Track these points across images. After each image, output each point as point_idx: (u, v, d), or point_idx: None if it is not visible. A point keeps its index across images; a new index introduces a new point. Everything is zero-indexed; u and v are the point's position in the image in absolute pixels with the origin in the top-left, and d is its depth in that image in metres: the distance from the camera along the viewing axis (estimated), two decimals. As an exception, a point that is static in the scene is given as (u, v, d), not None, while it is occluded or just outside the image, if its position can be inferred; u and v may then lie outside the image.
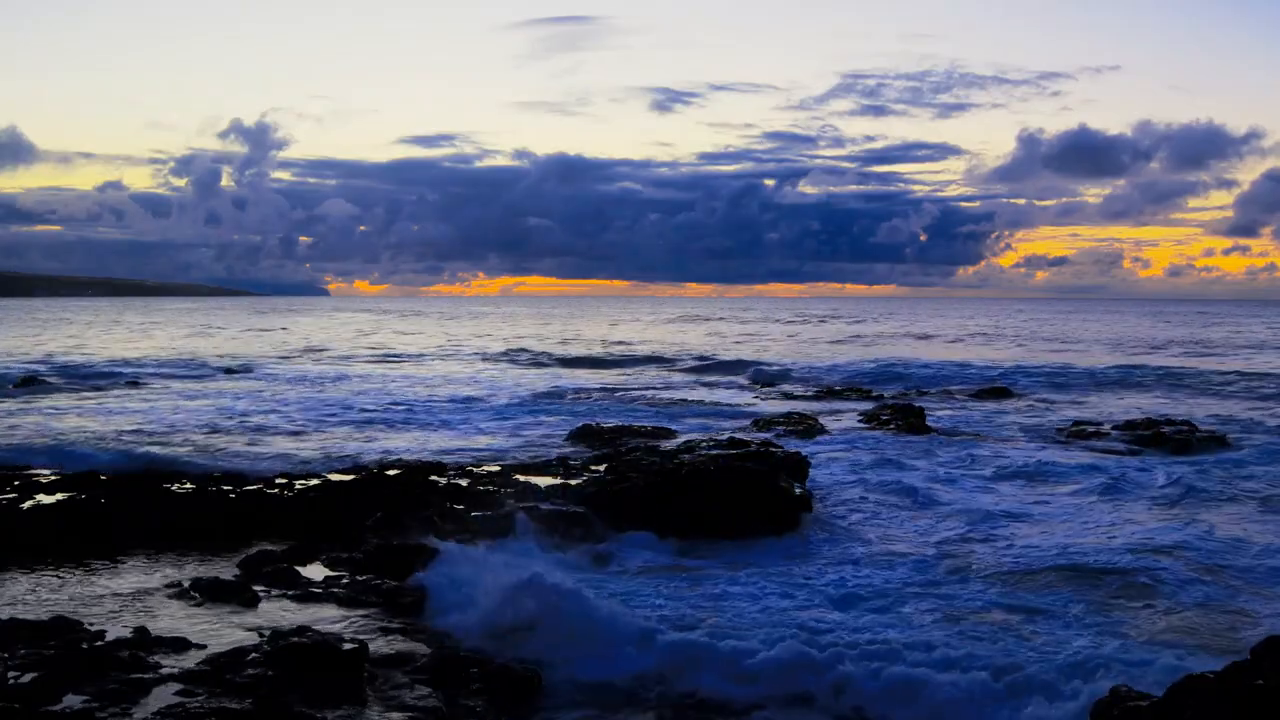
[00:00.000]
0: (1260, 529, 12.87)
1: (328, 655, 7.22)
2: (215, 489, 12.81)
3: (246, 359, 43.16)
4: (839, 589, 10.29)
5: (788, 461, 14.69)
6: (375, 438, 21.38)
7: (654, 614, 9.12)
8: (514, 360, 44.54)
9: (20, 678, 6.61)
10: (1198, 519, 13.26)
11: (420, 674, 7.50)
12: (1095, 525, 13.22)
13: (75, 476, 13.56)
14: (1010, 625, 9.24)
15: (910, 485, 15.54)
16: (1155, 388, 32.44)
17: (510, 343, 56.41)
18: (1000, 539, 12.50)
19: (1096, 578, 10.60)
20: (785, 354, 48.33)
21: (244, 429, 22.25)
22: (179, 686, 6.77)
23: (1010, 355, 47.76)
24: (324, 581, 9.82)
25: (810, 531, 12.84)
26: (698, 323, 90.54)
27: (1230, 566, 11.04)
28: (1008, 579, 10.76)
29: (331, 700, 6.86)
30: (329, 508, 12.40)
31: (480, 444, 20.62)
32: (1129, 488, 15.62)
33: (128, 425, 22.59)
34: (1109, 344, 56.81)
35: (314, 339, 60.56)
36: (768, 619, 9.14)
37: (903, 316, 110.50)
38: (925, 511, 14.23)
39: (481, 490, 13.28)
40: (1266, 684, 5.75)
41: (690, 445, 17.25)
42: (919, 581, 10.64)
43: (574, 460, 16.80)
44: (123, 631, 7.74)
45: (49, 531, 11.20)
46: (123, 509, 11.79)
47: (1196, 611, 9.58)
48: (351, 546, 10.96)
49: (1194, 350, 50.75)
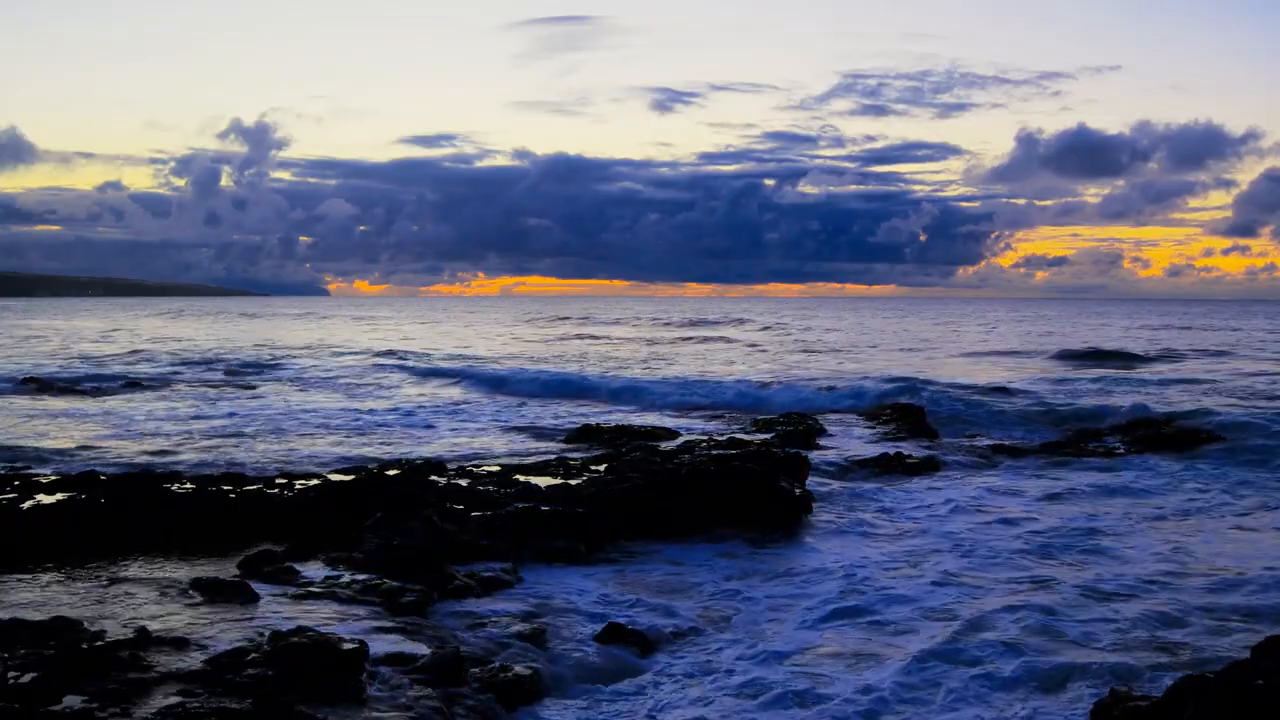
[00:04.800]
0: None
1: (328, 655, 7.21)
2: (215, 489, 12.80)
3: (242, 358, 43.15)
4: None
5: (788, 461, 14.70)
6: (375, 438, 21.39)
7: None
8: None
9: (20, 678, 6.60)
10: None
11: (420, 674, 7.49)
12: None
13: (75, 477, 13.55)
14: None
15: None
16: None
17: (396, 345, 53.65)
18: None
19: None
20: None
21: (243, 429, 22.27)
22: (179, 686, 6.76)
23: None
24: (324, 581, 9.82)
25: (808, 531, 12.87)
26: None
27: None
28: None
29: (331, 700, 6.86)
30: (329, 508, 12.39)
31: (480, 444, 20.65)
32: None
33: (127, 426, 22.59)
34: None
35: (314, 338, 60.58)
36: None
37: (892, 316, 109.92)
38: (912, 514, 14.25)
39: (482, 490, 13.28)
40: (1266, 684, 5.75)
41: (690, 445, 17.27)
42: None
43: (574, 460, 16.81)
44: (123, 631, 7.73)
45: (49, 531, 11.19)
46: (123, 509, 11.78)
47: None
48: (351, 546, 10.96)
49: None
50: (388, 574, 9.94)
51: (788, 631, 9.20)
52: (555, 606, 9.73)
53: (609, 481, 13.46)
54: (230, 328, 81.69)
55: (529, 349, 52.92)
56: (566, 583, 10.54)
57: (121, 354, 46.69)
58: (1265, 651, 6.12)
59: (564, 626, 9.18)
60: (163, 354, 46.34)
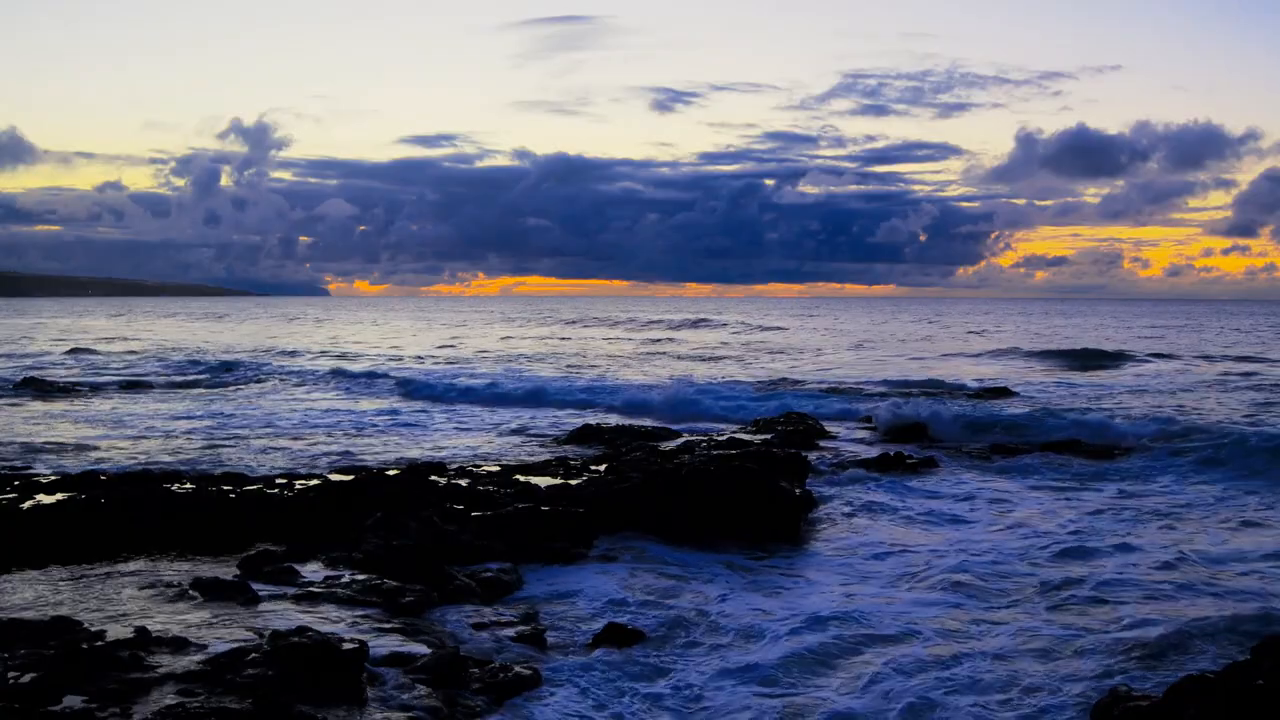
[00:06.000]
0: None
1: (328, 655, 7.21)
2: (215, 489, 12.81)
3: (241, 358, 43.17)
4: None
5: (788, 462, 14.71)
6: (374, 438, 21.40)
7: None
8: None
9: (20, 678, 6.60)
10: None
11: (420, 674, 7.49)
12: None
13: (75, 476, 13.56)
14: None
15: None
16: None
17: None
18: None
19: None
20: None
21: (242, 429, 22.27)
22: (179, 686, 6.76)
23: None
24: (324, 581, 9.81)
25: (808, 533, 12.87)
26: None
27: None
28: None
29: (331, 700, 6.86)
30: (329, 508, 12.39)
31: (479, 444, 20.66)
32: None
33: (126, 427, 22.60)
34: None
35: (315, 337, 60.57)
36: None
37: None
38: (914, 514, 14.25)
39: (482, 490, 13.28)
40: (1267, 684, 5.75)
41: (690, 445, 17.28)
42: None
43: (574, 460, 16.82)
44: (123, 631, 7.72)
45: (49, 531, 11.19)
46: (123, 509, 11.78)
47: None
48: (351, 547, 10.95)
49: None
50: (388, 574, 9.93)
51: (786, 633, 9.19)
52: (555, 607, 9.74)
53: (609, 481, 13.47)
54: (230, 328, 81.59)
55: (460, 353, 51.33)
56: (566, 583, 10.54)
57: (121, 354, 46.70)
58: (1265, 651, 6.12)
59: (564, 627, 9.19)
60: (162, 355, 46.34)
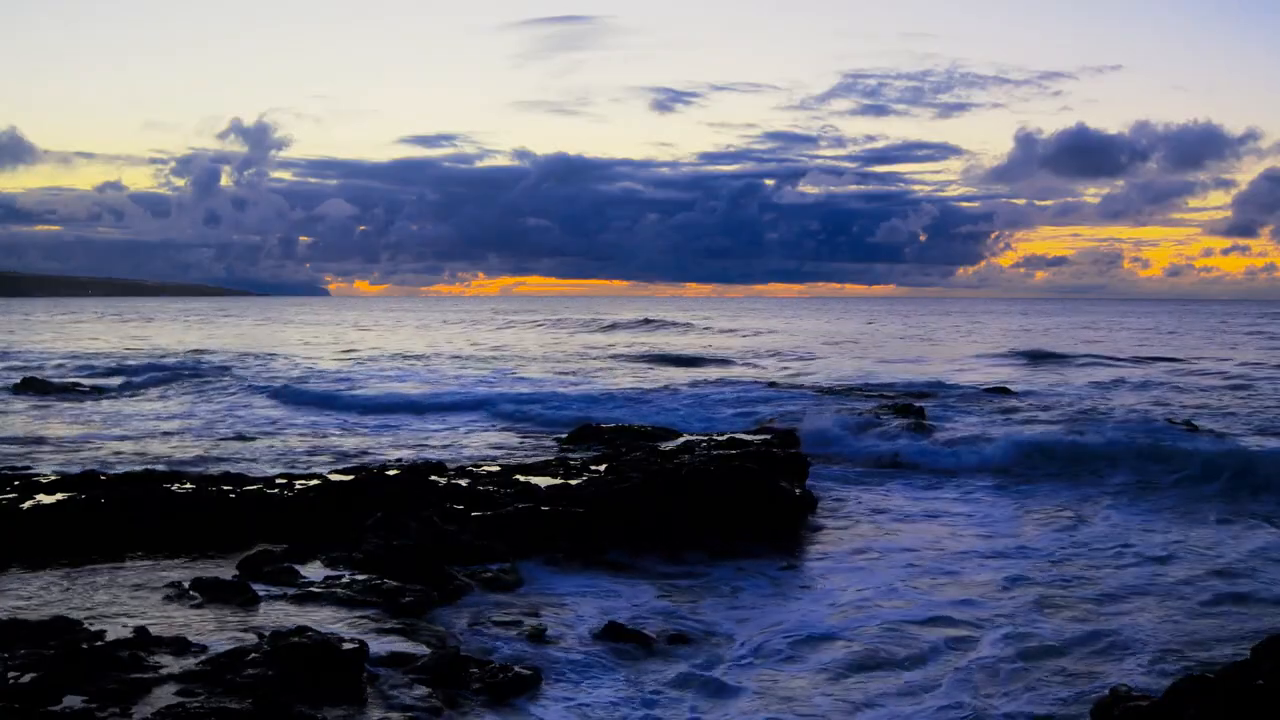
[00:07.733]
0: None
1: (327, 655, 7.21)
2: (215, 489, 12.80)
3: (240, 359, 43.17)
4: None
5: (788, 462, 14.71)
6: (373, 438, 21.41)
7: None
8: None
9: (20, 678, 6.60)
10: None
11: (420, 674, 7.49)
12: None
13: (75, 477, 13.54)
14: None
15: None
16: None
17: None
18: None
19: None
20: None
21: (241, 429, 22.28)
22: (179, 686, 6.76)
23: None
24: (324, 581, 9.81)
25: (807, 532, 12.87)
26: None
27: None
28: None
29: (331, 700, 6.86)
30: (329, 508, 12.39)
31: (479, 443, 20.66)
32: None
33: (126, 427, 22.60)
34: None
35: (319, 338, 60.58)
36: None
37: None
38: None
39: (482, 490, 13.27)
40: (1267, 684, 5.75)
41: (690, 445, 17.27)
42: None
43: (574, 460, 16.81)
44: (123, 631, 7.73)
45: (49, 531, 11.19)
46: (123, 509, 11.77)
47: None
48: (351, 546, 10.95)
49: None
50: (388, 574, 9.93)
51: (785, 635, 9.19)
52: (555, 606, 9.73)
53: (609, 481, 13.45)
54: (230, 328, 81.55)
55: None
56: (566, 583, 10.54)
57: (120, 354, 46.68)
58: (1265, 651, 6.11)
59: (564, 626, 9.18)
60: (161, 355, 46.33)
